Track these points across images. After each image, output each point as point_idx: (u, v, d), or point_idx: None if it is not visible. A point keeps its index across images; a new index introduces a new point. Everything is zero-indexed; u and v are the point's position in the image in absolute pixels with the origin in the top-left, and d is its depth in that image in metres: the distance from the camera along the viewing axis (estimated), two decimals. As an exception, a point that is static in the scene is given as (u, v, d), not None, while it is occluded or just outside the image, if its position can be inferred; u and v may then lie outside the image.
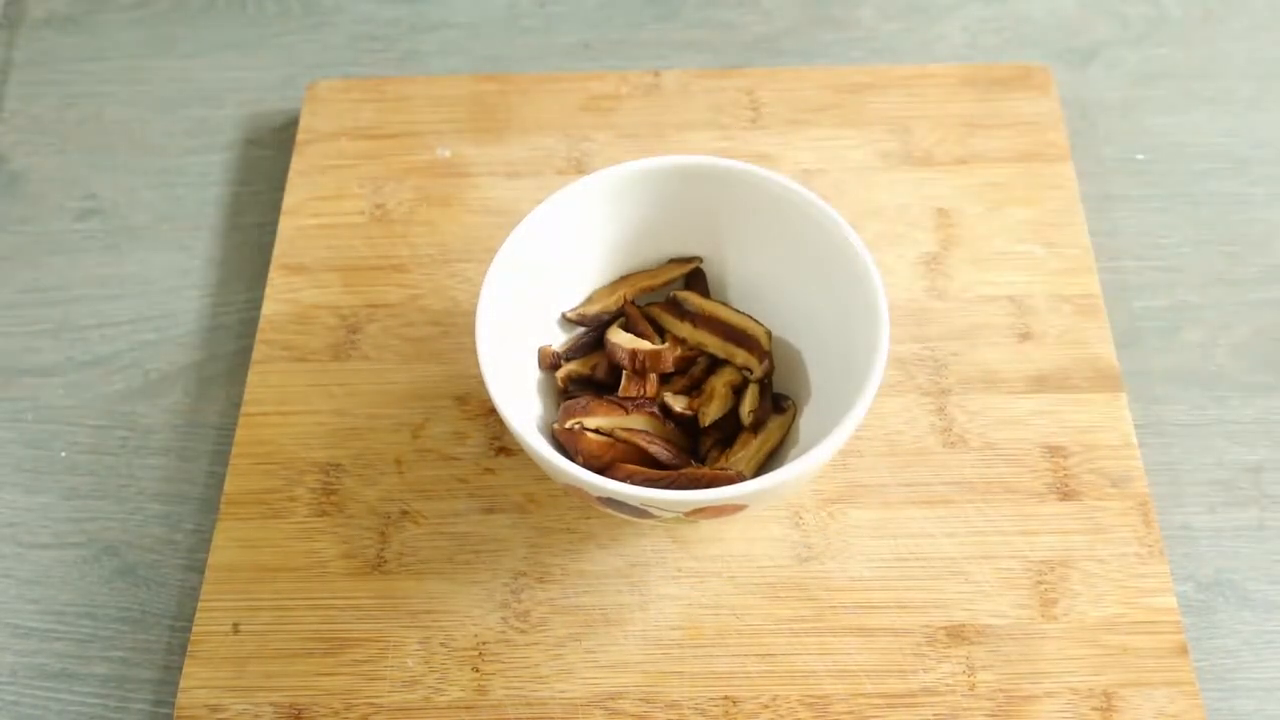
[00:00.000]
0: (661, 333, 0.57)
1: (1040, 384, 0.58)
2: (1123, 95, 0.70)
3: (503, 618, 0.53)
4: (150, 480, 0.58)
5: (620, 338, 0.55)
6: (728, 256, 0.57)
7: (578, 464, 0.48)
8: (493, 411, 0.57)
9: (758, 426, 0.54)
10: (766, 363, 0.54)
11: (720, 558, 0.54)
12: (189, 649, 0.52)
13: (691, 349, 0.56)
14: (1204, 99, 0.69)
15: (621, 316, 0.57)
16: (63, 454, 0.59)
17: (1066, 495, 0.55)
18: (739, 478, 0.50)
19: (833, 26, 0.73)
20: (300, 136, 0.67)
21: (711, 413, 0.54)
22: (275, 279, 0.62)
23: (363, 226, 0.64)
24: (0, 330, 0.63)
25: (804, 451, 0.48)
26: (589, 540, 0.55)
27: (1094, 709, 0.50)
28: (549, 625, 0.52)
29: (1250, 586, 0.55)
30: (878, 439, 0.57)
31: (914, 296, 0.61)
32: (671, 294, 0.57)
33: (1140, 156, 0.67)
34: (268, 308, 0.61)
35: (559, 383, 0.55)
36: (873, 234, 0.62)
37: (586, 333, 0.57)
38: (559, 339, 0.57)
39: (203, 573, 0.54)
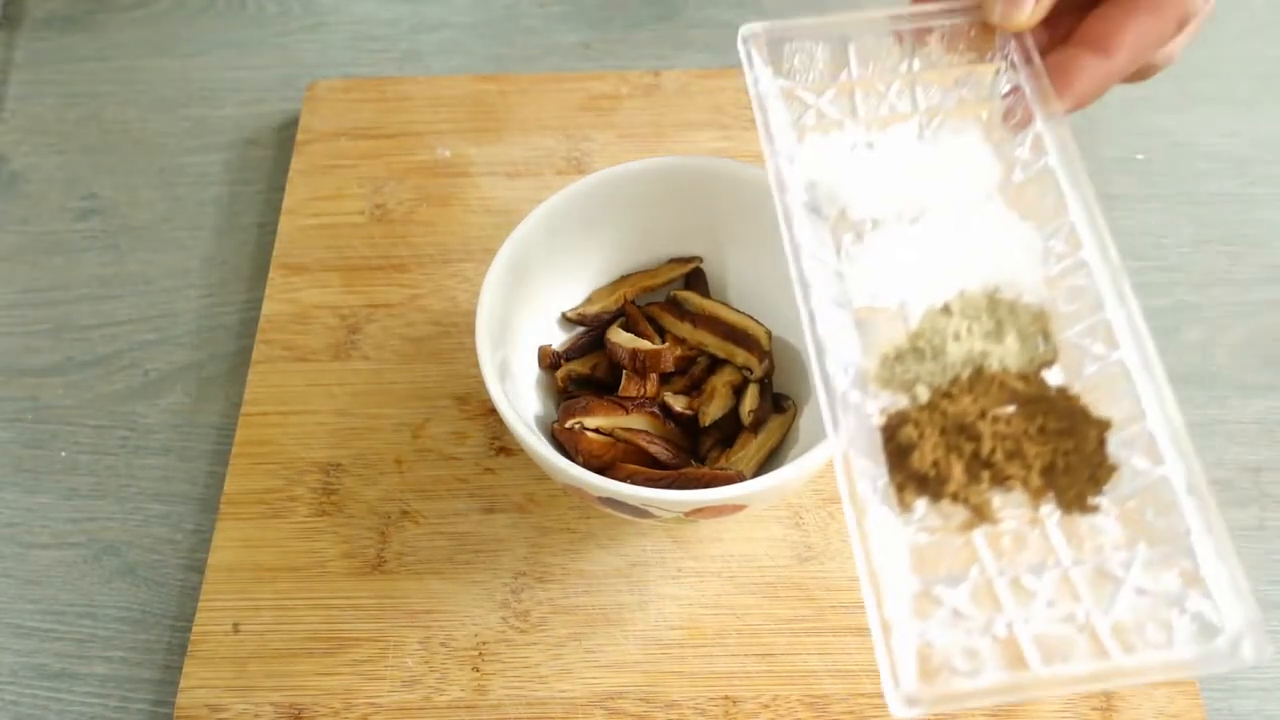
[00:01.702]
0: (661, 333, 0.57)
1: (1040, 384, 0.58)
2: (1123, 95, 0.70)
3: (503, 617, 0.53)
4: (150, 480, 0.58)
5: (620, 337, 0.55)
6: (728, 256, 0.57)
7: (578, 464, 0.48)
8: (493, 411, 0.57)
9: (758, 426, 0.54)
10: (766, 363, 0.54)
11: (720, 558, 0.54)
12: (189, 649, 0.52)
13: (691, 349, 0.56)
14: (1204, 99, 0.69)
15: (621, 316, 0.57)
16: (63, 454, 0.59)
17: (1066, 495, 0.55)
18: (739, 478, 0.50)
19: (833, 26, 0.73)
20: (300, 136, 0.67)
21: (711, 413, 0.54)
22: (275, 279, 0.62)
23: (363, 226, 0.64)
24: (0, 330, 0.63)
25: (804, 451, 0.48)
26: (589, 540, 0.55)
27: (1094, 709, 0.50)
28: (549, 625, 0.52)
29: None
30: (878, 439, 0.57)
31: (914, 296, 0.61)
32: (671, 294, 0.57)
33: (1140, 156, 0.67)
34: (268, 308, 0.61)
35: (559, 383, 0.55)
36: (873, 234, 0.62)
37: (586, 333, 0.57)
38: (559, 339, 0.57)
39: (203, 573, 0.54)
